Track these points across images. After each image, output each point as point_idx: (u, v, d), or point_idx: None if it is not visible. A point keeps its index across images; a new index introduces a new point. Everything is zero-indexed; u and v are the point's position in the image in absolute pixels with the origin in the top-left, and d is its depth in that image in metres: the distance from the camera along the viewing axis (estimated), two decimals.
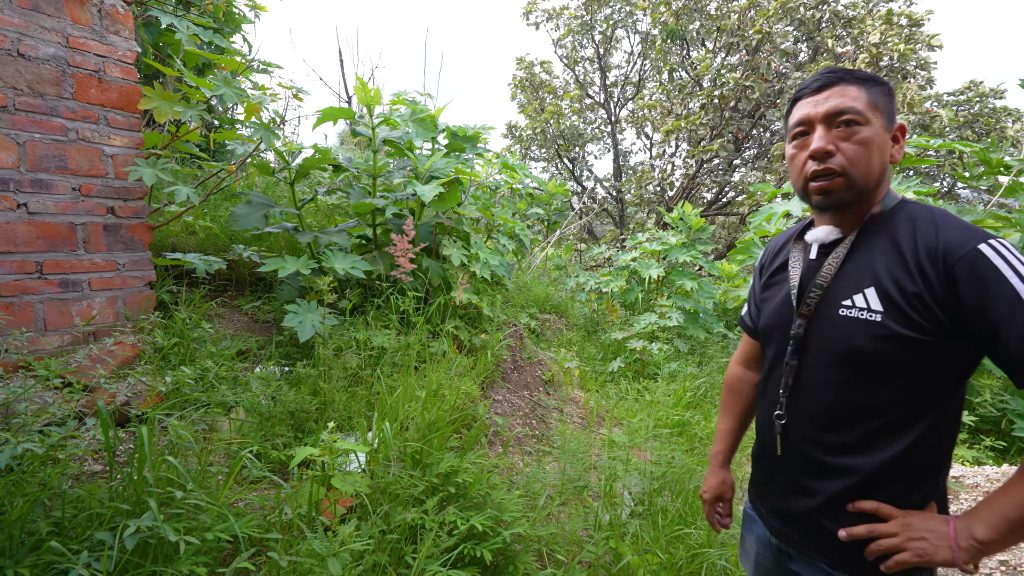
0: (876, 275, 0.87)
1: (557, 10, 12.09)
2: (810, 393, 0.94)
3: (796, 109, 0.97)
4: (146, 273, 2.52)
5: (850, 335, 0.87)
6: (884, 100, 0.91)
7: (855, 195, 0.91)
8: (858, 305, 0.87)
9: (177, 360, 2.17)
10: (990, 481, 2.18)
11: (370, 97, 3.07)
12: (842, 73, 0.92)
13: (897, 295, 0.83)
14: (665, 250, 5.31)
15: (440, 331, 3.01)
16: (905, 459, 0.86)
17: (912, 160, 4.34)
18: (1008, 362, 0.78)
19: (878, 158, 0.90)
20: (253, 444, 1.75)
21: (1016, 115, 9.57)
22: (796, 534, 0.99)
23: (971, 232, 0.81)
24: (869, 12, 9.73)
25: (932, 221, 0.86)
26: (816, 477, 0.94)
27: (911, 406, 0.86)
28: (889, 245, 0.88)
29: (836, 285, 0.92)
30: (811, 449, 0.94)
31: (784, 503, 1.01)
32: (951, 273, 0.80)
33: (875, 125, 0.89)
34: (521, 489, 2.17)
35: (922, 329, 0.82)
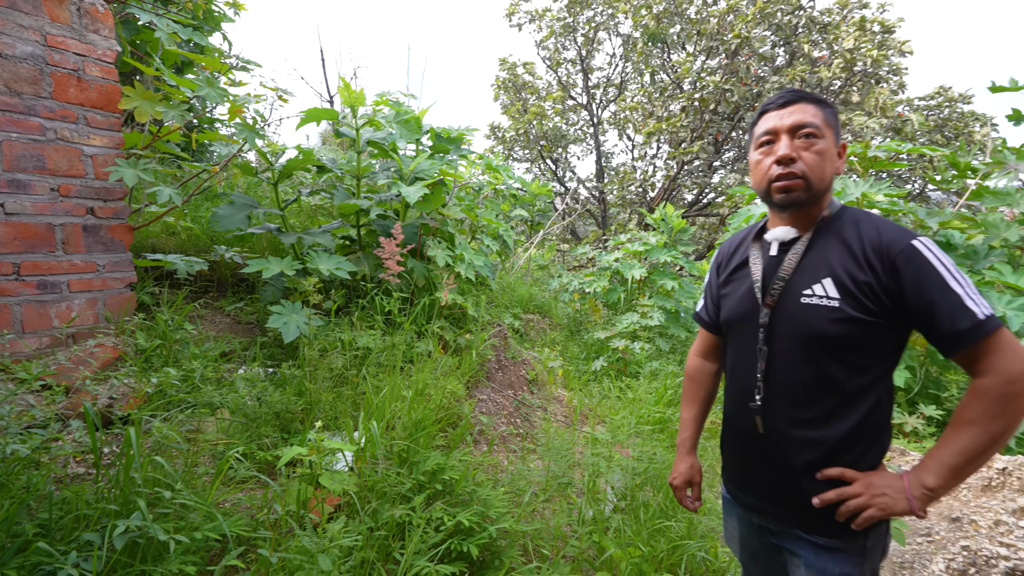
0: (831, 267, 1.01)
1: (540, 12, 12.15)
2: (778, 375, 1.06)
3: (762, 121, 1.10)
4: (126, 274, 2.49)
5: (813, 320, 1.00)
6: (834, 120, 1.07)
7: (811, 197, 1.05)
8: (817, 293, 1.00)
9: (160, 362, 2.16)
10: None
11: (354, 98, 3.08)
12: (803, 93, 1.06)
13: (850, 284, 0.98)
14: (647, 251, 5.40)
15: (425, 331, 3.03)
16: (861, 425, 1.00)
17: (884, 163, 4.49)
18: (939, 335, 0.94)
19: (829, 167, 1.05)
20: (239, 445, 1.75)
21: (983, 120, 9.92)
22: (773, 508, 1.09)
23: (904, 232, 0.98)
24: (843, 18, 10.00)
25: (872, 223, 1.02)
26: (788, 451, 1.05)
27: (865, 378, 1.00)
28: (839, 243, 1.02)
29: (796, 277, 1.05)
30: (785, 426, 1.05)
31: (760, 481, 1.11)
32: (893, 264, 0.96)
33: (828, 139, 1.05)
34: (506, 486, 2.21)
35: (871, 312, 0.96)
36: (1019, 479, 1.98)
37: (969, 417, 0.92)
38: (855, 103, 9.73)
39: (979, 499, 2.04)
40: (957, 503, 2.12)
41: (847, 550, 1.02)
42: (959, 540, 1.81)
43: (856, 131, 9.11)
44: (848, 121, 9.22)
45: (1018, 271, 3.58)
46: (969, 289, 0.93)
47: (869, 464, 1.02)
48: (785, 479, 1.06)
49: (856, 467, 1.01)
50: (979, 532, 1.81)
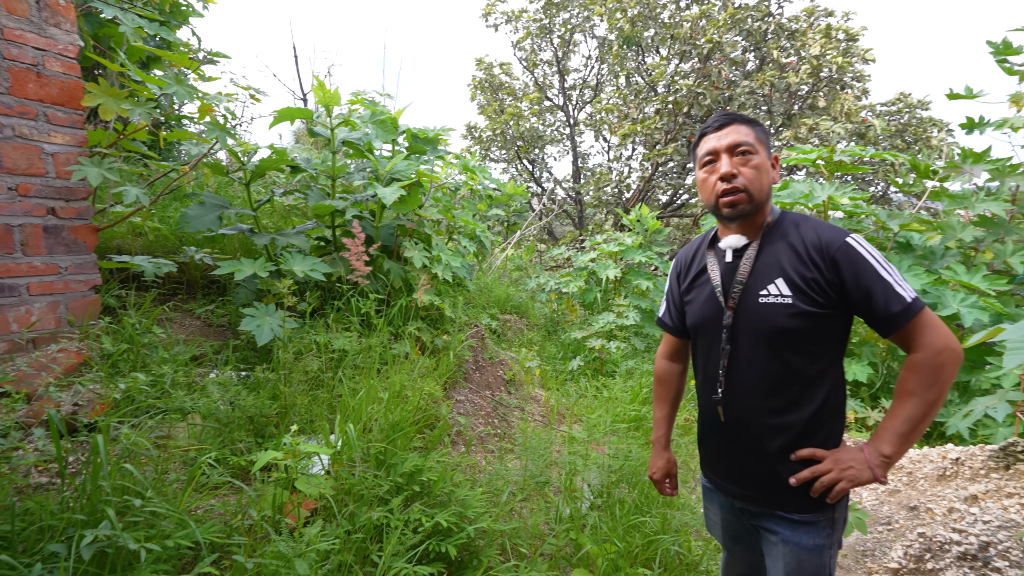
0: (782, 268, 1.12)
1: (516, 13, 12.18)
2: (746, 369, 1.15)
3: (703, 143, 1.22)
4: (91, 277, 2.41)
5: (771, 316, 1.10)
6: (765, 137, 1.19)
7: (754, 207, 1.16)
8: (772, 292, 1.11)
9: (127, 367, 2.10)
10: (912, 463, 2.40)
11: (328, 97, 3.04)
12: (735, 116, 1.19)
13: (800, 281, 1.09)
14: (622, 251, 5.48)
15: (402, 333, 3.01)
16: (823, 407, 1.11)
17: (848, 167, 4.66)
18: (877, 318, 1.06)
19: (766, 179, 1.17)
20: (212, 450, 1.72)
21: (940, 125, 10.35)
22: (753, 492, 1.19)
23: (838, 230, 1.11)
24: (810, 26, 10.31)
25: (810, 225, 1.14)
26: (762, 438, 1.15)
27: (821, 364, 1.11)
28: (785, 245, 1.14)
29: (752, 280, 1.15)
30: (755, 416, 1.15)
31: (738, 468, 1.21)
32: (833, 259, 1.07)
33: (762, 155, 1.17)
34: (484, 486, 2.22)
35: (819, 304, 1.08)
36: (970, 468, 2.09)
37: (909, 388, 1.04)
38: (821, 108, 10.04)
39: (934, 488, 2.14)
40: (915, 492, 2.22)
41: (818, 523, 1.13)
42: (916, 527, 1.90)
43: (823, 135, 9.41)
44: (815, 125, 9.51)
45: (971, 270, 3.76)
46: (897, 276, 1.06)
47: (835, 441, 1.14)
48: (761, 464, 1.16)
49: (825, 445, 1.12)
50: (934, 519, 1.91)
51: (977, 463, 2.09)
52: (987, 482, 1.98)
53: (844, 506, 1.17)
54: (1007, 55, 3.70)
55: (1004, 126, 4.13)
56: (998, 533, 1.74)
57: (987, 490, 1.92)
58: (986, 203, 4.01)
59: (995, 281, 3.65)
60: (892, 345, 3.89)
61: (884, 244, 4.46)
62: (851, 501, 2.39)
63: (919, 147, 9.95)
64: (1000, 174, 4.06)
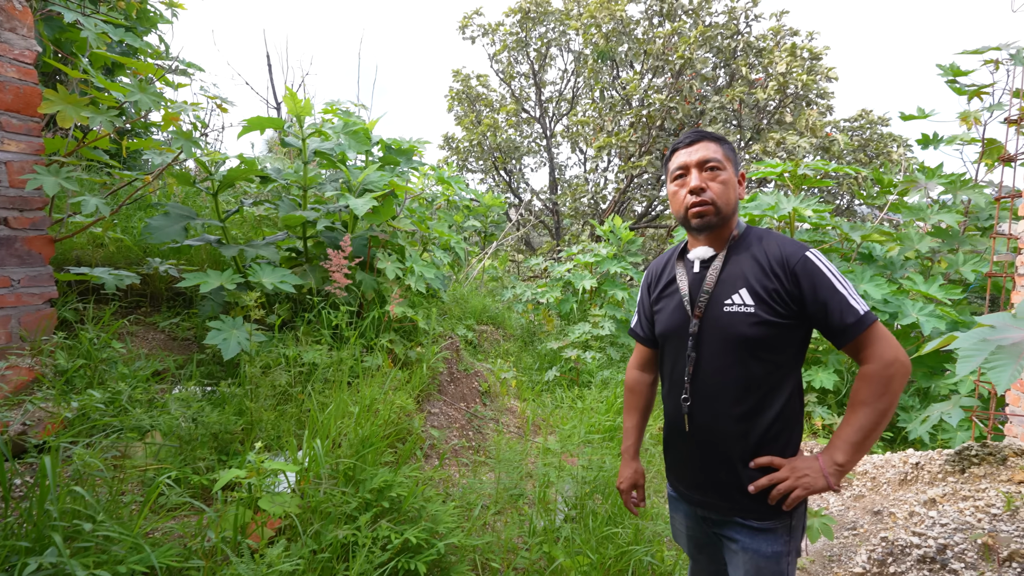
0: (746, 279, 1.17)
1: (493, 26, 12.31)
2: (711, 377, 1.19)
3: (674, 158, 1.27)
4: (46, 290, 2.32)
5: (735, 324, 1.15)
6: (732, 154, 1.25)
7: (721, 219, 1.21)
8: (736, 302, 1.16)
9: (83, 383, 2.01)
10: (876, 468, 2.46)
11: (300, 108, 3.01)
12: (705, 133, 1.24)
13: (762, 291, 1.14)
14: (597, 261, 5.53)
15: (375, 345, 2.97)
16: (782, 413, 1.15)
17: (813, 180, 4.82)
18: (832, 329, 1.11)
19: (733, 193, 1.22)
20: (171, 469, 1.66)
21: (899, 141, 10.81)
22: (714, 499, 1.21)
23: (799, 245, 1.17)
24: (777, 44, 10.68)
25: (773, 240, 1.20)
26: (724, 445, 1.18)
27: (781, 373, 1.15)
28: (749, 258, 1.19)
29: (718, 290, 1.20)
30: (718, 422, 1.18)
31: (700, 475, 1.23)
32: (793, 272, 1.13)
33: (729, 171, 1.23)
34: (457, 500, 2.19)
35: (780, 314, 1.13)
36: (929, 472, 2.16)
37: (861, 399, 1.08)
38: (788, 123, 10.39)
39: (897, 492, 2.20)
40: (878, 497, 2.28)
41: (776, 530, 1.16)
42: (880, 532, 1.95)
43: (790, 149, 9.72)
44: (783, 140, 9.82)
45: (928, 280, 3.92)
46: (851, 291, 1.12)
47: (793, 447, 1.18)
48: (722, 470, 1.19)
49: (784, 451, 1.16)
50: (896, 523, 1.96)
51: (935, 467, 2.16)
52: (944, 486, 2.04)
53: (802, 513, 1.19)
54: (956, 76, 3.90)
55: (955, 142, 4.34)
56: (955, 535, 1.80)
57: (944, 493, 1.99)
58: (940, 215, 4.19)
59: (950, 290, 3.80)
60: None
61: (848, 255, 4.62)
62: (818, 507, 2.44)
63: (880, 161, 10.37)
64: (953, 188, 4.25)
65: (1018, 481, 1.91)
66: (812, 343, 4.07)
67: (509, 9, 11.96)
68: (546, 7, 11.92)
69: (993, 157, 4.03)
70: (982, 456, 2.09)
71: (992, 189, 4.60)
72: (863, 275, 4.08)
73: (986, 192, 4.16)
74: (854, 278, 4.07)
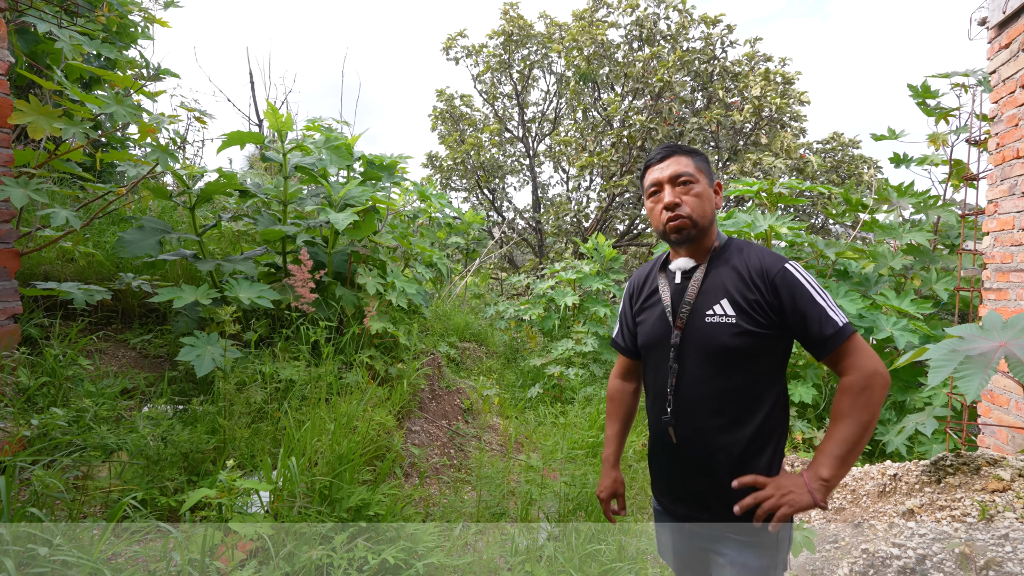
0: (727, 290, 1.17)
1: (476, 47, 12.52)
2: (692, 388, 1.18)
3: (648, 175, 1.28)
4: (9, 305, 2.24)
5: (717, 335, 1.15)
6: (705, 165, 1.25)
7: (699, 232, 1.22)
8: (718, 313, 1.16)
9: (46, 402, 1.93)
10: (855, 480, 2.48)
11: (281, 123, 3.00)
12: (676, 147, 1.25)
13: (743, 302, 1.14)
14: (580, 279, 5.56)
15: (354, 361, 2.92)
16: (764, 425, 1.15)
17: (788, 199, 4.95)
18: (812, 340, 1.11)
19: (708, 205, 1.23)
20: (137, 490, 1.59)
21: (870, 163, 11.20)
22: (700, 513, 1.20)
23: (779, 257, 1.17)
24: (751, 69, 11.06)
25: (753, 251, 1.21)
26: (708, 457, 1.17)
27: (763, 383, 1.16)
28: (730, 269, 1.19)
29: (699, 300, 1.20)
30: (701, 434, 1.17)
31: (686, 488, 1.23)
32: (773, 283, 1.14)
33: (703, 183, 1.23)
34: (437, 519, 2.14)
35: (761, 324, 1.13)
36: (906, 483, 2.18)
37: (842, 410, 1.08)
38: (764, 144, 10.69)
39: (876, 504, 2.22)
40: (859, 509, 2.29)
41: (763, 543, 1.14)
42: (860, 544, 1.95)
43: (766, 170, 9.99)
44: (759, 160, 10.10)
45: (901, 295, 4.02)
46: (830, 303, 1.12)
47: (779, 458, 1.17)
48: (707, 483, 1.18)
49: (770, 463, 1.16)
50: (876, 535, 1.96)
51: (912, 478, 2.19)
52: (921, 496, 2.06)
53: (788, 526, 1.18)
54: (926, 98, 4.06)
55: (926, 162, 4.51)
56: (933, 545, 1.81)
57: (922, 504, 2.00)
58: (912, 233, 4.32)
59: (922, 305, 3.90)
60: None
61: (824, 271, 4.72)
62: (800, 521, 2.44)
63: (852, 182, 10.71)
64: (923, 207, 4.40)
65: (992, 490, 1.94)
66: (791, 357, 4.12)
67: (492, 32, 12.18)
68: (529, 31, 12.18)
69: (960, 177, 4.19)
70: (957, 466, 2.12)
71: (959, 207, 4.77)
72: (838, 291, 4.17)
73: (954, 211, 4.32)
74: (830, 293, 4.16)
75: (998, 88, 2.60)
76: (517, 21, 12.02)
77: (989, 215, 2.66)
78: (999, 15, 2.50)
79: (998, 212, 2.58)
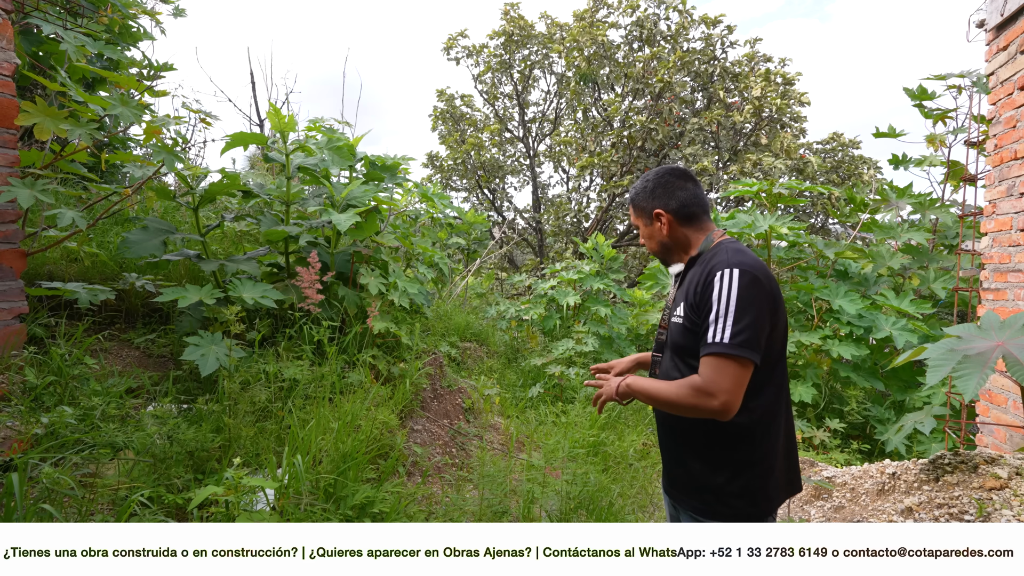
0: (687, 292, 1.27)
1: (477, 48, 12.53)
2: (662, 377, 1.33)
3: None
4: (16, 304, 2.26)
5: (674, 333, 1.29)
6: (643, 203, 1.38)
7: (666, 256, 1.40)
8: (677, 314, 1.28)
9: (53, 400, 1.95)
10: (855, 479, 2.50)
11: (283, 124, 3.02)
12: (631, 198, 1.42)
13: (693, 300, 1.23)
14: (581, 279, 5.58)
15: (357, 361, 2.94)
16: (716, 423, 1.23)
17: (788, 199, 4.97)
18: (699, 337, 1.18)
19: (656, 238, 1.38)
20: (145, 488, 1.61)
21: (870, 163, 11.21)
22: (674, 488, 1.33)
23: (731, 261, 1.18)
24: (752, 70, 11.07)
25: (722, 253, 1.23)
26: (667, 436, 1.34)
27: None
28: (699, 271, 1.26)
29: (673, 303, 1.36)
30: (662, 416, 1.35)
31: (665, 466, 1.38)
32: (706, 280, 1.20)
33: (643, 225, 1.40)
34: (440, 517, 2.16)
35: (693, 323, 1.22)
36: (905, 482, 2.20)
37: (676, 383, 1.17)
38: (764, 145, 10.71)
39: (875, 503, 2.23)
40: (858, 508, 2.31)
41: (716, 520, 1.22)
42: None
43: (766, 170, 10.01)
44: (759, 161, 10.11)
45: (900, 296, 4.03)
46: (731, 320, 1.12)
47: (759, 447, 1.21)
48: (667, 460, 1.35)
49: (708, 441, 1.23)
50: None
51: (911, 477, 2.21)
52: (920, 494, 2.08)
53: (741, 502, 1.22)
54: (923, 100, 4.08)
55: (924, 163, 4.53)
56: None
57: (920, 502, 2.02)
58: (910, 233, 4.34)
59: (921, 305, 3.92)
60: (834, 368, 4.09)
61: (823, 272, 4.74)
62: (799, 519, 2.46)
63: (852, 182, 10.72)
64: (922, 207, 4.42)
65: (989, 488, 1.96)
66: (790, 357, 4.14)
67: (493, 32, 12.20)
68: (529, 31, 12.19)
69: (957, 178, 4.21)
70: (955, 464, 2.14)
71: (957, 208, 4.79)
72: (838, 291, 4.19)
73: (952, 211, 4.34)
74: (829, 294, 4.18)
75: (996, 90, 2.62)
76: (518, 22, 12.03)
77: (987, 216, 2.68)
78: (997, 17, 2.52)
79: (996, 213, 2.60)
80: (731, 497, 1.19)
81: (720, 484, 1.20)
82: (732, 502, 1.19)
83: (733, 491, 1.19)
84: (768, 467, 1.20)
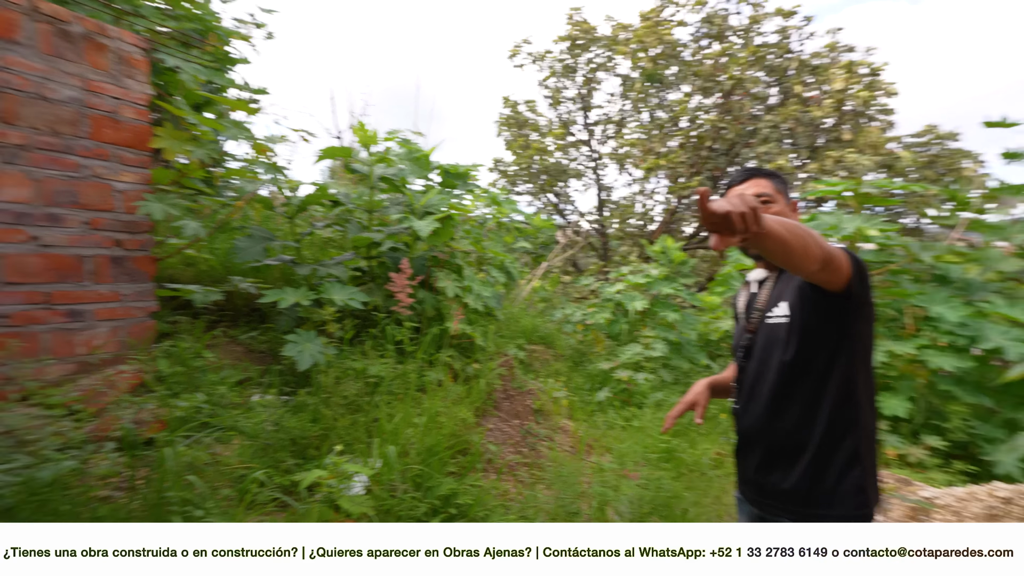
0: (787, 293, 1.25)
1: (541, 54, 12.65)
2: (754, 385, 1.30)
3: (728, 195, 1.36)
4: (148, 304, 2.58)
5: (776, 333, 1.25)
6: (783, 186, 1.33)
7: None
8: (776, 314, 1.26)
9: (180, 388, 2.22)
10: (958, 500, 2.32)
11: (367, 137, 3.24)
12: (756, 170, 1.35)
13: (796, 301, 1.22)
14: (648, 283, 5.50)
15: (435, 360, 3.09)
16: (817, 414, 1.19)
17: (876, 199, 4.64)
18: None
19: None
20: (259, 469, 1.80)
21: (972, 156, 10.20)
22: (765, 498, 1.29)
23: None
24: (833, 61, 10.41)
25: None
26: (767, 443, 1.27)
27: (811, 378, 1.20)
28: (790, 277, 1.26)
29: (767, 306, 1.31)
30: (762, 423, 1.27)
31: (755, 478, 1.32)
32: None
33: (781, 203, 1.31)
34: (516, 513, 2.23)
35: (810, 322, 1.19)
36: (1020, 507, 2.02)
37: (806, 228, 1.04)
38: (846, 140, 10.03)
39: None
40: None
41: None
42: None
43: (849, 167, 9.37)
44: (841, 158, 9.49)
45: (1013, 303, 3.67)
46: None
47: (842, 452, 1.19)
48: (767, 467, 1.27)
49: (825, 451, 1.19)
50: None
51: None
52: None
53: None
54: None
55: None
56: None
57: None
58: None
59: None
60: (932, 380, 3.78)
61: (919, 276, 4.39)
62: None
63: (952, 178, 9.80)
64: None
65: None
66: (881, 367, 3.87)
67: (558, 37, 12.26)
68: (593, 34, 12.15)
69: None
70: None
71: None
72: (936, 297, 3.87)
73: None
74: (926, 300, 3.87)
75: None
76: (581, 25, 12.03)
77: None
78: None
79: None
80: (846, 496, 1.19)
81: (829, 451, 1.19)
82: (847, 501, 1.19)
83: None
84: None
